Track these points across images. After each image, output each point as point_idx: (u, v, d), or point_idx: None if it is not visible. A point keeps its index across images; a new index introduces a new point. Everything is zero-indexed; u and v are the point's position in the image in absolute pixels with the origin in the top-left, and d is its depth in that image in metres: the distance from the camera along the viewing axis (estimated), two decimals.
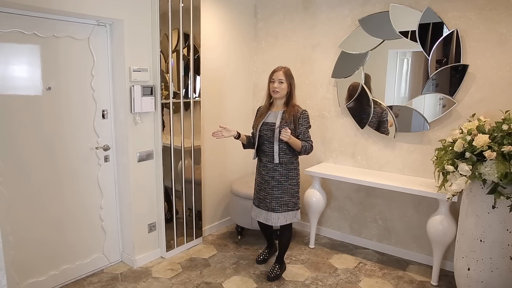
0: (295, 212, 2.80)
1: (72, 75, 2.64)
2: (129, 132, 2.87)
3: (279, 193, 2.73)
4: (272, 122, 2.69)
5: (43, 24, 2.44)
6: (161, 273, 2.96)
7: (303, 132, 2.68)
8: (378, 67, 3.19)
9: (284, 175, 2.72)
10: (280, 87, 2.66)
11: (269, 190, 2.74)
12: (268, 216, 2.76)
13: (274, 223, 2.76)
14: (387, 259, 3.27)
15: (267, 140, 2.70)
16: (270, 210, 2.75)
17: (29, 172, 2.49)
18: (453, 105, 2.86)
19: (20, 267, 2.50)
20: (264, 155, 2.75)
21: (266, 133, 2.69)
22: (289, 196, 2.75)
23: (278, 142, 2.65)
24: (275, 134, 2.65)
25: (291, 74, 2.72)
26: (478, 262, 2.31)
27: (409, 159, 3.16)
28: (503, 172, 2.07)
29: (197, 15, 3.17)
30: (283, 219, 2.76)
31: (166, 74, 3.01)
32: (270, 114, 2.75)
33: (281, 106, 2.75)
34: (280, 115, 2.69)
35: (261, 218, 2.81)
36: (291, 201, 2.76)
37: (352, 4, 3.28)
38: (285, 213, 2.75)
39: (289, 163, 2.72)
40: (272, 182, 2.73)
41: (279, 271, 2.93)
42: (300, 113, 2.68)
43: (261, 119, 2.75)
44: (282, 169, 2.71)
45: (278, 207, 2.73)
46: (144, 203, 3.05)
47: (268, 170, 2.73)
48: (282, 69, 2.70)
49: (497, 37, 2.67)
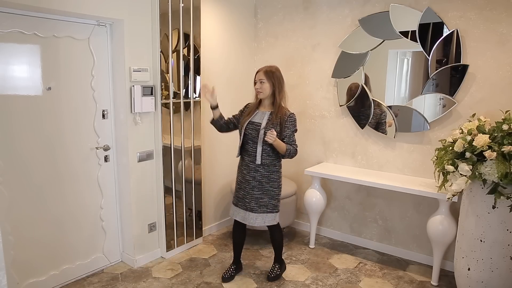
0: (274, 215, 2.74)
1: (72, 75, 2.64)
2: (129, 132, 2.87)
3: (259, 193, 2.68)
4: (258, 122, 2.64)
5: (43, 24, 2.45)
6: (161, 273, 2.96)
7: (288, 136, 2.63)
8: (378, 67, 3.19)
9: (266, 177, 2.67)
10: (262, 87, 2.62)
11: (249, 190, 2.69)
12: (246, 215, 2.71)
13: (251, 223, 2.70)
14: (387, 259, 3.27)
15: (251, 140, 2.65)
16: (249, 210, 2.69)
17: (29, 172, 2.49)
18: (453, 105, 2.86)
19: (20, 267, 2.50)
20: (246, 154, 2.70)
21: (251, 133, 2.64)
22: (269, 198, 2.70)
23: (262, 143, 2.60)
24: (260, 135, 2.60)
25: (274, 73, 2.63)
26: (478, 262, 2.31)
27: (409, 159, 3.16)
28: (503, 172, 2.07)
29: (197, 15, 3.17)
30: (261, 220, 2.70)
31: (166, 74, 3.01)
32: (257, 113, 2.70)
33: (268, 106, 2.70)
34: (267, 116, 2.64)
35: (238, 217, 2.76)
36: (271, 203, 2.71)
37: (352, 4, 3.28)
38: (264, 215, 2.70)
39: (271, 165, 2.67)
40: (253, 182, 2.67)
41: (279, 271, 2.93)
42: (287, 116, 2.62)
43: (247, 118, 2.70)
44: (264, 171, 2.66)
45: (257, 207, 2.68)
46: (144, 203, 3.06)
47: (249, 170, 2.68)
48: (264, 69, 2.65)
49: (497, 37, 2.67)
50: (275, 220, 2.76)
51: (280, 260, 2.97)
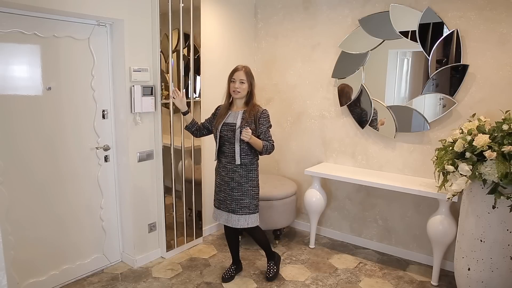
0: (256, 215, 2.72)
1: (72, 75, 2.64)
2: (129, 132, 2.87)
3: (239, 194, 2.66)
4: (233, 123, 2.60)
5: (44, 24, 2.45)
6: (161, 273, 2.96)
7: (264, 132, 2.62)
8: (378, 67, 3.19)
9: (244, 176, 2.65)
10: (241, 87, 2.61)
11: (229, 192, 2.67)
12: (228, 217, 2.69)
13: (234, 224, 2.67)
14: (387, 259, 3.27)
15: (228, 141, 2.62)
16: (231, 211, 2.67)
17: (29, 172, 2.50)
18: (453, 105, 2.86)
19: (20, 267, 2.50)
20: (223, 156, 2.67)
21: (227, 134, 2.61)
22: (250, 198, 2.68)
23: (240, 142, 2.59)
24: (236, 134, 2.57)
25: (251, 73, 2.65)
26: (479, 262, 2.31)
27: (409, 159, 3.16)
28: (503, 172, 2.07)
29: (197, 15, 3.17)
30: (244, 221, 2.67)
31: (166, 74, 3.01)
32: (230, 114, 2.67)
33: (241, 106, 2.68)
34: (241, 115, 2.61)
35: (221, 220, 2.73)
36: (252, 204, 2.69)
37: (352, 4, 3.28)
38: (246, 216, 2.67)
39: (249, 164, 2.65)
40: (232, 183, 2.65)
41: (276, 267, 2.92)
42: (260, 112, 2.61)
43: (221, 119, 2.67)
44: (242, 170, 2.64)
45: (239, 209, 2.66)
46: (144, 203, 3.06)
47: (227, 171, 2.66)
48: (243, 68, 2.63)
49: (497, 37, 2.67)
50: (256, 221, 2.72)
51: (272, 255, 2.94)
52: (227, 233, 2.88)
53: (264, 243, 2.87)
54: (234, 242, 2.92)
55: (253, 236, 2.84)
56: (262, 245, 2.88)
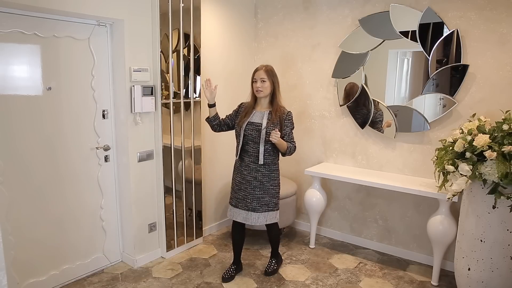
0: (275, 213, 2.77)
1: (72, 75, 2.64)
2: (129, 132, 2.87)
3: (260, 193, 2.69)
4: (258, 123, 2.64)
5: (44, 24, 2.45)
6: (162, 273, 2.96)
7: (288, 134, 2.67)
8: (379, 67, 3.19)
9: (267, 176, 2.69)
10: (263, 86, 2.63)
11: (251, 190, 2.69)
12: (247, 215, 2.72)
13: (253, 222, 2.71)
14: (388, 259, 3.27)
15: (252, 140, 2.65)
16: (251, 210, 2.70)
17: (29, 172, 2.49)
18: (453, 105, 2.86)
19: (20, 267, 2.50)
20: (247, 155, 2.70)
21: (252, 133, 2.65)
22: (270, 196, 2.72)
23: (264, 143, 2.62)
24: (262, 135, 2.61)
25: (273, 72, 2.68)
26: (479, 262, 2.31)
27: (410, 159, 3.16)
28: (503, 172, 2.07)
29: (197, 15, 3.17)
30: (263, 219, 2.72)
31: (167, 74, 3.01)
32: (255, 113, 2.70)
33: (266, 105, 2.71)
34: (266, 115, 2.65)
35: (239, 218, 2.76)
36: (272, 202, 2.74)
37: (352, 4, 3.28)
38: (266, 213, 2.72)
39: (271, 164, 2.70)
40: (254, 182, 2.69)
41: (276, 265, 2.98)
42: (286, 114, 2.66)
43: (246, 118, 2.69)
44: (265, 170, 2.68)
45: (259, 207, 2.70)
46: (144, 203, 3.06)
47: (250, 170, 2.69)
48: (264, 67, 2.66)
49: (497, 37, 2.67)
50: (276, 218, 2.80)
51: (277, 254, 3.02)
52: (235, 231, 2.90)
53: (276, 240, 2.97)
54: (239, 241, 2.94)
55: (271, 231, 2.90)
56: (274, 241, 2.96)
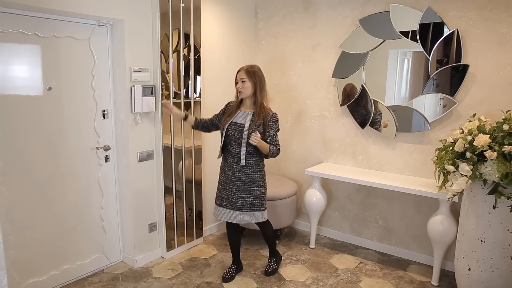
0: (262, 212, 2.74)
1: (72, 75, 2.64)
2: (129, 132, 2.87)
3: (244, 193, 2.67)
4: (241, 123, 2.60)
5: (44, 24, 2.45)
6: (162, 273, 2.96)
7: (271, 136, 2.63)
8: (379, 67, 3.19)
9: (251, 177, 2.66)
10: (243, 87, 2.60)
11: (235, 190, 2.67)
12: (232, 214, 2.70)
13: (238, 221, 2.69)
14: (388, 259, 3.27)
15: (234, 141, 2.62)
16: (236, 209, 2.68)
17: (29, 172, 2.50)
18: (453, 105, 2.86)
19: (21, 267, 2.50)
20: (230, 155, 2.67)
21: (234, 134, 2.61)
22: (255, 197, 2.69)
23: (246, 145, 2.58)
24: (244, 136, 2.56)
25: (255, 72, 2.60)
26: (479, 262, 2.31)
27: (410, 159, 3.16)
28: (503, 172, 2.07)
29: (197, 15, 3.17)
30: (248, 218, 2.69)
31: (167, 74, 3.01)
32: (239, 113, 2.67)
33: (250, 106, 2.67)
34: (250, 116, 2.61)
35: (224, 217, 2.74)
36: (258, 202, 2.70)
37: (353, 4, 3.28)
38: (251, 213, 2.69)
39: (255, 165, 2.66)
40: (238, 183, 2.66)
41: (276, 264, 2.97)
42: (270, 116, 2.61)
43: (229, 118, 2.67)
44: (249, 171, 2.65)
45: (244, 206, 2.67)
46: (144, 203, 3.06)
47: (234, 171, 2.66)
48: (246, 67, 2.62)
49: (497, 37, 2.67)
50: (263, 218, 2.75)
51: (275, 252, 3.00)
52: (229, 231, 2.89)
53: (270, 238, 2.95)
54: (235, 241, 2.93)
55: (263, 230, 2.89)
56: (268, 240, 2.95)
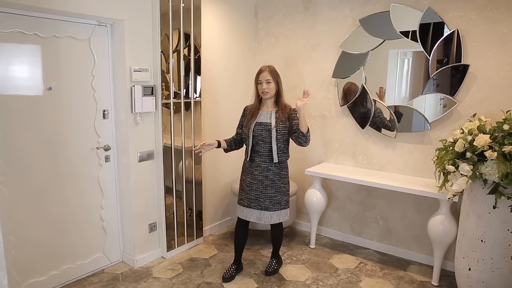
0: (286, 211, 2.82)
1: (73, 75, 2.64)
2: (129, 132, 2.87)
3: (272, 192, 2.73)
4: (267, 122, 2.68)
5: (44, 24, 2.45)
6: (162, 273, 2.96)
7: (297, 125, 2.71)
8: (379, 67, 3.19)
9: (277, 174, 2.73)
10: (268, 87, 2.67)
11: (263, 190, 2.72)
12: (261, 215, 2.75)
13: (267, 221, 2.75)
14: (388, 259, 3.27)
15: (262, 140, 2.69)
16: (264, 209, 2.73)
17: (30, 172, 2.50)
18: (454, 105, 2.86)
19: (21, 267, 2.50)
20: (257, 156, 2.72)
21: (261, 133, 2.68)
22: (282, 194, 2.76)
23: (276, 141, 2.67)
24: (273, 134, 2.66)
25: (276, 72, 2.71)
26: (479, 262, 2.31)
27: (410, 159, 3.16)
28: (504, 172, 2.07)
29: (197, 15, 3.17)
30: (276, 217, 2.77)
31: (167, 74, 3.01)
32: (261, 114, 2.74)
33: (271, 105, 2.75)
34: (274, 114, 2.70)
35: (253, 218, 2.78)
36: (283, 200, 2.78)
37: (353, 4, 3.28)
38: (278, 212, 2.77)
39: (282, 162, 2.74)
40: (266, 182, 2.72)
41: (276, 265, 2.99)
42: (291, 110, 2.73)
43: (253, 120, 2.73)
44: (276, 168, 2.72)
45: (272, 206, 2.74)
46: (144, 203, 3.06)
47: (261, 170, 2.72)
48: (267, 68, 2.69)
49: (498, 37, 2.67)
50: (287, 216, 2.84)
51: (277, 255, 3.03)
52: (240, 230, 2.91)
53: (279, 240, 2.99)
54: (242, 241, 2.95)
55: (276, 230, 2.92)
56: (276, 241, 2.98)
